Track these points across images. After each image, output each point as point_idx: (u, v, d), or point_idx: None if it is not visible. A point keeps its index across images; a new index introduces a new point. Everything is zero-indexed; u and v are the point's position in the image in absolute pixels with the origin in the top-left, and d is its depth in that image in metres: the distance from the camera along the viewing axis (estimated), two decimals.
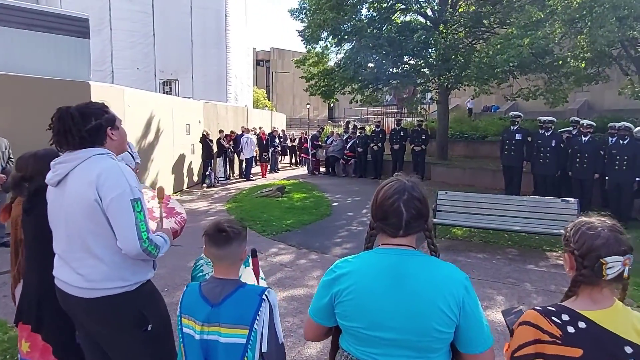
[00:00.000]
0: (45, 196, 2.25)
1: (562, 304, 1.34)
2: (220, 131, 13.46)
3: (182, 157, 11.67)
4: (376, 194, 1.40)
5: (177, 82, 18.54)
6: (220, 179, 13.38)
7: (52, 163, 1.97)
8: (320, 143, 16.27)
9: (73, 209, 1.88)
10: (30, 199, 2.31)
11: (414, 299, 1.28)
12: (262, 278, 2.34)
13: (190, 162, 12.23)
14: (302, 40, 14.12)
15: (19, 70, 7.27)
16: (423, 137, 12.90)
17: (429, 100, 17.02)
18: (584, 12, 8.66)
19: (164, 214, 2.37)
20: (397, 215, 1.33)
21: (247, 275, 2.22)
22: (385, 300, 1.29)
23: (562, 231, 5.09)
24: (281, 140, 18.70)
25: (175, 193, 11.10)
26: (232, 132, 14.35)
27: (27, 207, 2.31)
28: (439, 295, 1.28)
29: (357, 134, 14.97)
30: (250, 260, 2.28)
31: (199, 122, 12.75)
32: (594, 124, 8.58)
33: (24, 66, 7.43)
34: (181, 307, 1.76)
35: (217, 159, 13.42)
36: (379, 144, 13.87)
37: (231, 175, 14.51)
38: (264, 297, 1.69)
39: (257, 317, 1.65)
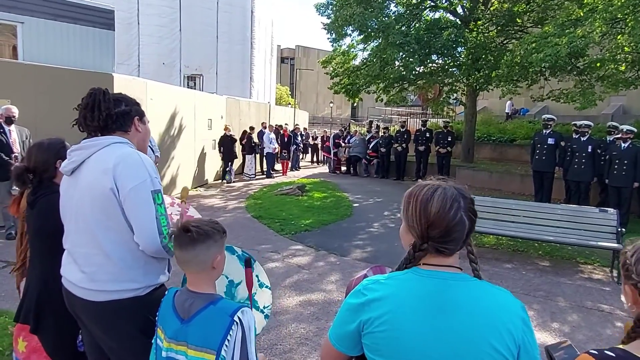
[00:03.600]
0: (49, 189, 2.12)
1: (623, 348, 1.05)
2: (251, 128, 13.42)
3: (203, 152, 11.61)
4: (422, 209, 1.11)
5: (201, 77, 18.62)
6: (250, 175, 13.39)
7: (68, 150, 1.84)
8: (341, 142, 16.04)
9: (84, 199, 1.73)
10: (34, 192, 2.18)
11: (462, 334, 1.04)
12: (266, 286, 2.13)
13: (211, 158, 12.17)
14: (327, 38, 13.93)
15: (44, 60, 7.31)
16: (449, 139, 12.55)
17: (455, 101, 16.56)
18: (627, 11, 8.16)
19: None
20: (461, 228, 1.09)
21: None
22: (426, 336, 1.05)
23: (602, 244, 4.66)
24: (303, 138, 18.54)
25: (195, 188, 11.06)
26: (274, 125, 14.53)
27: (31, 200, 2.18)
28: (493, 331, 1.03)
29: (381, 134, 14.67)
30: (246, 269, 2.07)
31: (221, 117, 12.69)
32: (635, 130, 8.08)
33: (49, 56, 7.48)
34: (158, 314, 1.59)
35: (248, 156, 13.45)
36: (403, 145, 13.56)
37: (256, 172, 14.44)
38: (235, 318, 1.44)
39: (227, 342, 1.41)
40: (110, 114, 1.80)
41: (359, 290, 1.16)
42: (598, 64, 9.69)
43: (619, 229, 5.49)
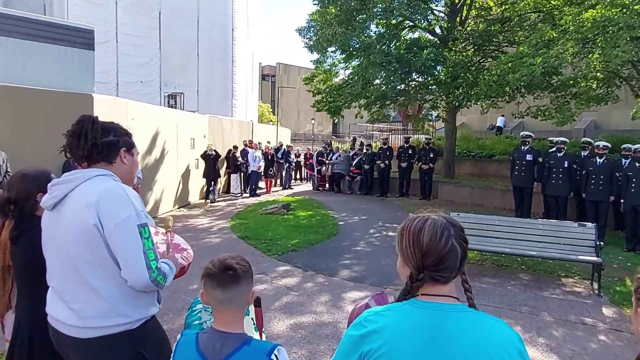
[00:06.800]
0: (32, 222, 2.06)
1: None
2: (235, 147, 13.39)
3: (186, 172, 11.50)
4: (415, 240, 1.16)
5: (182, 95, 18.51)
6: (236, 194, 13.35)
7: (49, 185, 1.78)
8: (324, 159, 16.11)
9: (67, 235, 1.68)
10: (17, 226, 2.11)
11: None
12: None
13: (194, 177, 12.05)
14: (311, 60, 14.13)
15: (22, 81, 7.16)
16: (431, 156, 12.75)
17: (435, 118, 16.89)
18: (597, 32, 8.53)
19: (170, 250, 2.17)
20: (454, 255, 1.13)
21: (247, 325, 1.98)
22: None
23: (582, 257, 4.76)
24: (295, 156, 18.66)
25: (178, 208, 10.91)
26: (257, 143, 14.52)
27: (14, 235, 2.10)
28: None
29: (364, 150, 14.82)
30: (251, 309, 1.97)
31: (204, 136, 12.63)
32: (610, 145, 8.38)
33: (26, 77, 7.33)
34: None
35: (233, 175, 13.47)
36: (386, 162, 13.70)
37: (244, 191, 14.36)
38: (272, 357, 1.40)
39: None
40: (96, 144, 1.77)
41: (359, 322, 1.18)
42: (571, 82, 10.09)
43: (598, 243, 5.64)
